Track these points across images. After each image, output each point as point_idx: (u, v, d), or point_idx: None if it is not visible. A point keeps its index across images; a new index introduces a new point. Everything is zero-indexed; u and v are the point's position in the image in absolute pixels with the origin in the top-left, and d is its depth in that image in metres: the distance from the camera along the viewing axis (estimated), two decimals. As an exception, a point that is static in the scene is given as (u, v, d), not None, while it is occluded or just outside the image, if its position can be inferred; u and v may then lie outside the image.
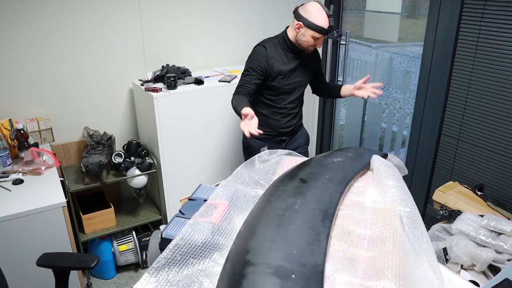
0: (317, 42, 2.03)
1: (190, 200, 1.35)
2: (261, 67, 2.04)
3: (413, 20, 2.89)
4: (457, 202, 2.09)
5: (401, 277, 0.96)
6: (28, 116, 2.45)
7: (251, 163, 1.59)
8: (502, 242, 1.76)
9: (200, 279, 1.01)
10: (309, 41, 2.04)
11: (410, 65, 3.14)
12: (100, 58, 2.56)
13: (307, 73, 2.22)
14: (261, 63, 2.04)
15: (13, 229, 1.82)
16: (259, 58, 2.05)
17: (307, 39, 2.03)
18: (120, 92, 2.70)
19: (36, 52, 2.37)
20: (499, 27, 2.02)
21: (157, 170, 2.54)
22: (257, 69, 2.04)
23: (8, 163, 2.12)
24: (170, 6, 2.69)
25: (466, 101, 2.26)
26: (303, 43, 2.06)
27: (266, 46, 2.08)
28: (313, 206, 1.20)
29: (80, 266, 1.73)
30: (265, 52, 2.05)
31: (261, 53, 2.06)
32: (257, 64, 2.04)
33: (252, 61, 2.06)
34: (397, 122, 3.19)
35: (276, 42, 2.12)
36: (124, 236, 2.61)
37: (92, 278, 2.60)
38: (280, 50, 2.10)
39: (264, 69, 2.05)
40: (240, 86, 2.06)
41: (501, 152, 2.15)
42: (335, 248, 1.09)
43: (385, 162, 1.59)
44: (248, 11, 3.00)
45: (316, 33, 2.00)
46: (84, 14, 2.44)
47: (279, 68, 2.08)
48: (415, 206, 1.27)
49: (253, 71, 2.04)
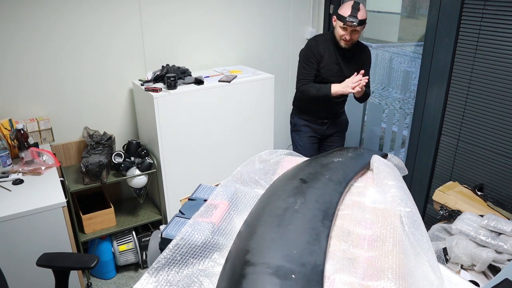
0: (345, 33, 2.18)
1: (190, 200, 1.35)
2: (314, 59, 2.28)
3: (413, 20, 2.89)
4: (457, 202, 2.09)
5: (401, 277, 0.96)
6: (28, 116, 2.45)
7: (251, 163, 1.59)
8: (502, 242, 1.76)
9: (200, 279, 1.01)
10: (339, 32, 2.22)
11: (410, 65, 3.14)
12: (100, 58, 2.56)
13: (354, 70, 2.32)
14: (314, 55, 2.27)
15: (13, 229, 1.82)
16: (312, 51, 2.28)
17: (337, 30, 2.23)
18: (120, 92, 2.70)
19: (36, 52, 2.37)
20: (499, 27, 2.02)
21: (157, 170, 2.54)
22: (312, 60, 2.28)
23: (8, 163, 2.12)
24: (170, 6, 2.69)
25: (466, 101, 2.26)
26: (336, 35, 2.25)
27: (317, 40, 2.31)
28: (313, 206, 1.20)
29: (80, 266, 1.73)
30: (317, 46, 2.28)
31: (313, 46, 2.29)
32: (310, 56, 2.28)
33: (306, 54, 2.30)
34: (397, 122, 3.19)
35: (328, 37, 2.32)
36: (124, 236, 2.61)
37: (92, 278, 2.60)
38: (330, 45, 2.30)
39: (316, 61, 2.28)
40: (303, 78, 2.30)
41: (501, 152, 2.15)
42: (335, 248, 1.09)
43: (385, 162, 1.59)
44: (248, 11, 3.00)
45: (341, 23, 2.16)
46: (84, 14, 2.44)
47: (327, 60, 2.29)
48: (415, 206, 1.27)
49: (309, 63, 2.28)
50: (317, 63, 2.27)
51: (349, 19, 2.10)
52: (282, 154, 1.80)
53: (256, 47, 3.13)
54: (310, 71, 2.28)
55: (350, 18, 2.10)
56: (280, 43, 3.24)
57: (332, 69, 2.32)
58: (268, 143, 2.94)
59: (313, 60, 2.26)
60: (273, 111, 2.86)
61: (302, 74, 2.33)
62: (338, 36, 2.24)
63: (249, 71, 2.86)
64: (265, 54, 3.19)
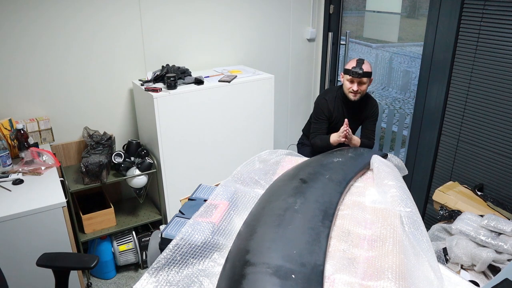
0: (352, 85, 2.29)
1: (190, 200, 1.35)
2: (324, 116, 2.45)
3: (413, 20, 2.89)
4: (457, 202, 2.09)
5: (401, 277, 0.96)
6: (28, 116, 2.45)
7: (251, 163, 1.60)
8: (502, 242, 1.76)
9: (200, 279, 1.01)
10: (346, 86, 2.33)
11: (410, 65, 3.14)
12: (100, 58, 2.56)
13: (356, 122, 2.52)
14: (325, 113, 2.44)
15: (13, 229, 1.82)
16: (323, 110, 2.44)
17: (345, 84, 2.34)
18: (120, 92, 2.70)
19: (35, 52, 2.37)
20: (499, 27, 2.02)
21: (157, 170, 2.54)
22: (323, 117, 2.45)
23: (8, 163, 2.12)
24: (170, 6, 2.69)
25: (466, 101, 2.26)
26: (345, 90, 2.37)
27: (327, 99, 2.45)
28: (313, 206, 1.20)
29: (80, 266, 1.72)
30: (326, 105, 2.44)
31: (323, 106, 2.45)
32: (322, 114, 2.45)
33: (318, 112, 2.47)
34: (397, 122, 3.19)
35: (336, 94, 2.45)
36: (124, 236, 2.61)
37: (92, 278, 2.60)
38: (338, 101, 2.44)
39: (326, 118, 2.45)
40: (315, 132, 2.49)
41: (501, 152, 2.15)
42: (335, 248, 1.09)
43: (385, 162, 1.59)
44: (248, 11, 3.00)
45: (347, 76, 2.30)
46: (84, 15, 2.44)
47: (336, 116, 2.45)
48: (415, 206, 1.27)
49: (321, 120, 2.46)
50: (327, 119, 2.46)
51: (354, 69, 2.26)
52: (282, 154, 1.80)
53: (256, 47, 3.13)
54: (320, 126, 2.46)
55: (355, 69, 2.25)
56: (280, 43, 3.24)
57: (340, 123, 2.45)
58: (268, 143, 2.94)
59: (323, 117, 2.45)
60: (273, 111, 2.86)
61: (313, 129, 2.51)
62: (346, 90, 2.35)
63: (249, 71, 2.86)
64: (265, 54, 3.19)
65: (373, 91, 3.26)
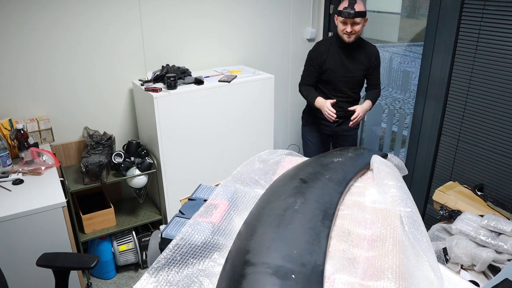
0: (346, 26, 2.22)
1: (190, 200, 1.35)
2: (315, 62, 2.35)
3: (413, 20, 2.90)
4: (457, 202, 2.09)
5: (401, 277, 0.96)
6: (28, 116, 2.45)
7: (251, 163, 1.59)
8: (502, 242, 1.76)
9: (200, 279, 1.01)
10: (340, 27, 2.27)
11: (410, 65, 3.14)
12: (100, 58, 2.56)
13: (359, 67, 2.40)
14: (316, 60, 2.34)
15: (13, 229, 1.82)
16: (314, 56, 2.35)
17: (339, 26, 2.28)
18: (120, 92, 2.70)
19: (35, 52, 2.37)
20: (499, 27, 2.02)
21: (157, 170, 2.54)
22: (313, 64, 2.36)
23: (8, 163, 2.12)
24: (170, 6, 2.69)
25: (466, 101, 2.26)
26: (339, 32, 2.30)
27: (320, 44, 2.38)
28: (313, 206, 1.20)
29: (80, 266, 1.72)
30: (319, 49, 2.34)
31: (315, 51, 2.35)
32: (313, 60, 2.35)
33: (309, 58, 2.38)
34: (397, 122, 3.19)
35: (331, 40, 2.37)
36: (124, 236, 2.61)
37: (92, 278, 2.60)
38: (333, 47, 2.34)
39: (317, 65, 2.35)
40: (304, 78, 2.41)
41: (501, 152, 2.15)
42: (335, 248, 1.09)
43: (385, 162, 1.59)
44: (248, 11, 3.00)
45: (340, 17, 2.23)
46: (85, 15, 2.44)
47: (330, 62, 2.34)
48: (415, 206, 1.27)
49: (311, 68, 2.37)
50: (319, 67, 2.34)
51: (346, 10, 2.19)
52: (282, 154, 1.80)
53: (256, 47, 3.13)
54: (310, 74, 2.37)
55: (346, 9, 2.19)
56: (280, 43, 3.23)
57: (338, 70, 2.37)
58: (268, 143, 2.94)
59: (314, 64, 2.34)
60: (273, 111, 2.86)
61: (303, 75, 2.44)
62: (341, 32, 2.29)
63: (249, 71, 2.86)
64: (265, 54, 3.19)
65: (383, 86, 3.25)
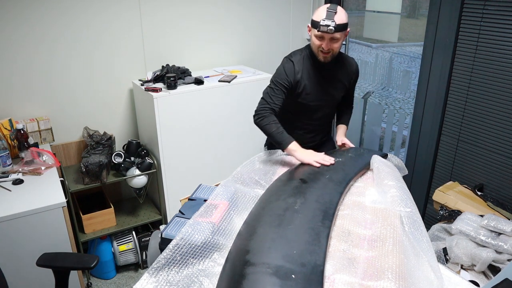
0: (322, 42, 1.73)
1: (190, 200, 1.35)
2: (286, 84, 1.82)
3: (413, 20, 2.89)
4: (457, 202, 2.09)
5: (401, 277, 0.96)
6: (28, 116, 2.45)
7: (251, 163, 1.60)
8: (502, 242, 1.76)
9: (200, 279, 1.01)
10: (315, 42, 1.76)
11: (410, 65, 3.14)
12: (100, 58, 2.56)
13: (340, 87, 1.95)
14: (287, 79, 1.82)
15: (13, 229, 1.82)
16: (286, 74, 1.83)
17: (313, 40, 1.77)
18: (120, 92, 2.70)
19: (35, 52, 2.37)
20: (499, 27, 2.02)
21: (157, 170, 2.54)
22: (284, 84, 1.82)
23: (8, 163, 2.12)
24: (170, 6, 2.69)
25: (466, 101, 2.26)
26: (313, 47, 1.81)
27: (293, 61, 1.86)
28: (313, 206, 1.20)
29: (80, 266, 1.73)
30: (292, 68, 1.83)
31: (288, 69, 1.84)
32: (283, 79, 1.82)
33: (279, 75, 1.84)
34: (397, 122, 3.19)
35: (304, 54, 1.88)
36: (124, 236, 2.61)
37: (92, 278, 2.59)
38: (308, 64, 1.86)
39: (288, 86, 1.82)
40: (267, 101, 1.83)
41: (501, 152, 2.15)
42: (335, 248, 1.09)
43: (385, 162, 1.59)
44: (248, 11, 3.00)
45: (315, 30, 1.72)
46: (85, 15, 2.43)
47: (305, 84, 1.85)
48: (415, 206, 1.27)
49: (281, 86, 1.81)
50: (289, 89, 1.83)
51: (324, 22, 1.66)
52: (282, 154, 1.80)
53: (256, 47, 3.13)
54: (278, 96, 1.81)
55: (325, 21, 1.66)
56: (280, 43, 3.23)
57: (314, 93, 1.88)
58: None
59: (285, 84, 1.81)
60: (273, 111, 2.86)
61: (266, 97, 1.84)
62: (315, 48, 1.78)
63: (249, 71, 2.86)
64: (265, 54, 3.19)
65: (373, 91, 3.26)
